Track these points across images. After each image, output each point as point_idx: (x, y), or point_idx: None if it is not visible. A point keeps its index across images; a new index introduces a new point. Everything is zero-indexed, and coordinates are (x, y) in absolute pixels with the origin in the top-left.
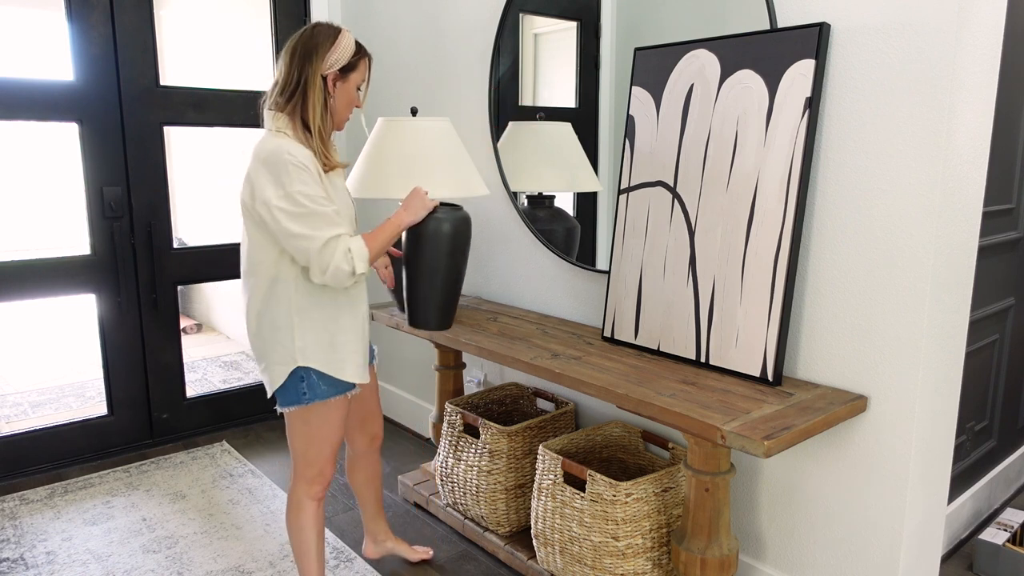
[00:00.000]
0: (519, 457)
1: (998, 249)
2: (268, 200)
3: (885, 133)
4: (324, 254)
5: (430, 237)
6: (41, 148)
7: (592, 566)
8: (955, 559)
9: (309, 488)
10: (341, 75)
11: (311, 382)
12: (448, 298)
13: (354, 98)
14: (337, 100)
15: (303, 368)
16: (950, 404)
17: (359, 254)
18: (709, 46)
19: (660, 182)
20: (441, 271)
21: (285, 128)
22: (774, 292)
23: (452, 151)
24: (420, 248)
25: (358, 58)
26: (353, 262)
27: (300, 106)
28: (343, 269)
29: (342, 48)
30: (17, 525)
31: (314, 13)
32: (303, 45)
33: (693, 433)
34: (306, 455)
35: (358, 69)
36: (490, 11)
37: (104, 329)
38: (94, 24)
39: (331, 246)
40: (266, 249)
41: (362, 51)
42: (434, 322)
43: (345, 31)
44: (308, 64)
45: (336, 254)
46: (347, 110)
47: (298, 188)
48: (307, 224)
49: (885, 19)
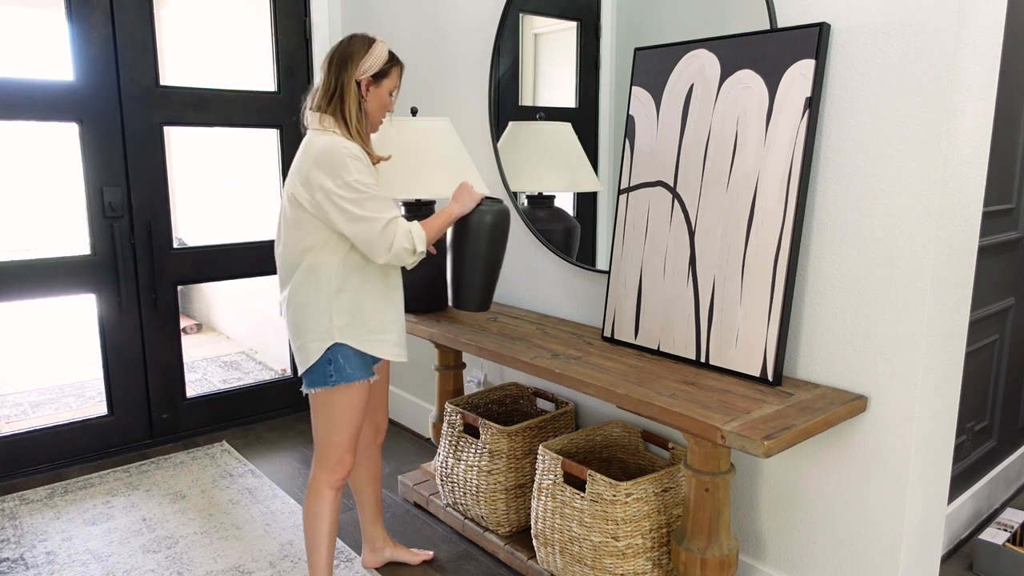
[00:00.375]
0: (519, 457)
1: (998, 249)
2: (329, 189)
3: (885, 133)
4: (387, 233)
5: (473, 227)
6: (41, 148)
7: (592, 566)
8: (955, 559)
9: (329, 476)
10: (374, 81)
11: (338, 365)
12: (488, 282)
13: (387, 103)
14: (370, 103)
15: (338, 346)
16: (950, 404)
17: (419, 235)
18: (709, 46)
19: (660, 182)
20: (482, 258)
21: (333, 127)
22: (774, 292)
23: (452, 151)
24: (464, 237)
25: (390, 66)
26: (414, 241)
27: (340, 108)
28: (405, 247)
29: (375, 56)
30: (17, 525)
31: (314, 13)
32: (340, 53)
33: (693, 433)
34: (328, 440)
35: (390, 76)
36: (490, 11)
37: (104, 329)
38: (94, 24)
39: (392, 226)
40: (314, 235)
41: (394, 59)
42: (475, 303)
43: (379, 41)
44: (344, 71)
45: (399, 233)
46: (380, 113)
47: (355, 177)
48: (369, 208)
49: (885, 19)
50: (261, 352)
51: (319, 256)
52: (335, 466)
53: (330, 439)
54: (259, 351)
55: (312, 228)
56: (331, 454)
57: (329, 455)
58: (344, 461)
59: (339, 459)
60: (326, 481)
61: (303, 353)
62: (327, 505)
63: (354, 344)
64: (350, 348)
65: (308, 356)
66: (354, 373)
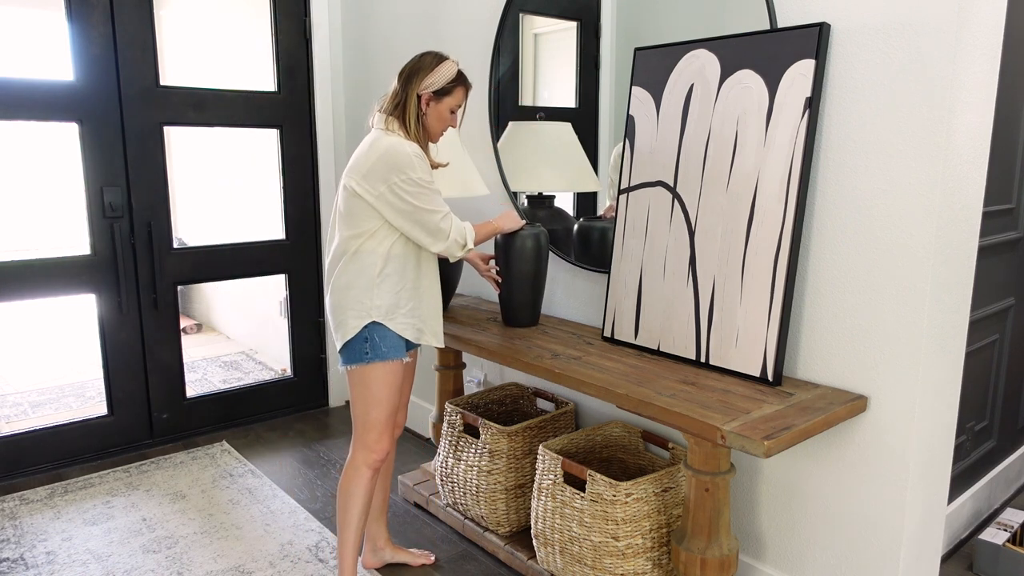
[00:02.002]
0: (519, 457)
1: (998, 249)
2: (394, 183)
3: (885, 133)
4: (444, 224)
5: (518, 250)
6: (41, 148)
7: (592, 566)
8: (955, 559)
9: (367, 455)
10: (435, 97)
11: (374, 343)
12: (535, 299)
13: (447, 119)
14: (429, 117)
15: (374, 325)
16: (950, 404)
17: (470, 232)
18: (709, 46)
19: (660, 182)
20: (529, 277)
21: (398, 130)
22: (774, 292)
23: (453, 151)
24: (510, 260)
25: (454, 85)
26: (465, 236)
27: (402, 116)
28: (457, 240)
29: (439, 74)
30: (17, 525)
31: (314, 13)
32: (410, 67)
33: (693, 433)
34: (366, 419)
35: (452, 95)
36: (490, 11)
37: (104, 329)
38: (94, 24)
39: (449, 219)
40: (366, 224)
41: (461, 80)
42: (527, 320)
43: (450, 61)
44: (410, 84)
45: (455, 226)
46: (439, 126)
47: (419, 174)
48: (431, 201)
49: (885, 19)
50: (261, 352)
51: (368, 244)
52: (373, 445)
53: (367, 417)
54: (259, 351)
55: (365, 217)
56: (369, 432)
57: (367, 433)
58: (382, 440)
59: (377, 437)
60: (364, 460)
61: (342, 330)
62: (363, 485)
63: (390, 325)
64: (386, 328)
65: (346, 332)
66: (389, 351)
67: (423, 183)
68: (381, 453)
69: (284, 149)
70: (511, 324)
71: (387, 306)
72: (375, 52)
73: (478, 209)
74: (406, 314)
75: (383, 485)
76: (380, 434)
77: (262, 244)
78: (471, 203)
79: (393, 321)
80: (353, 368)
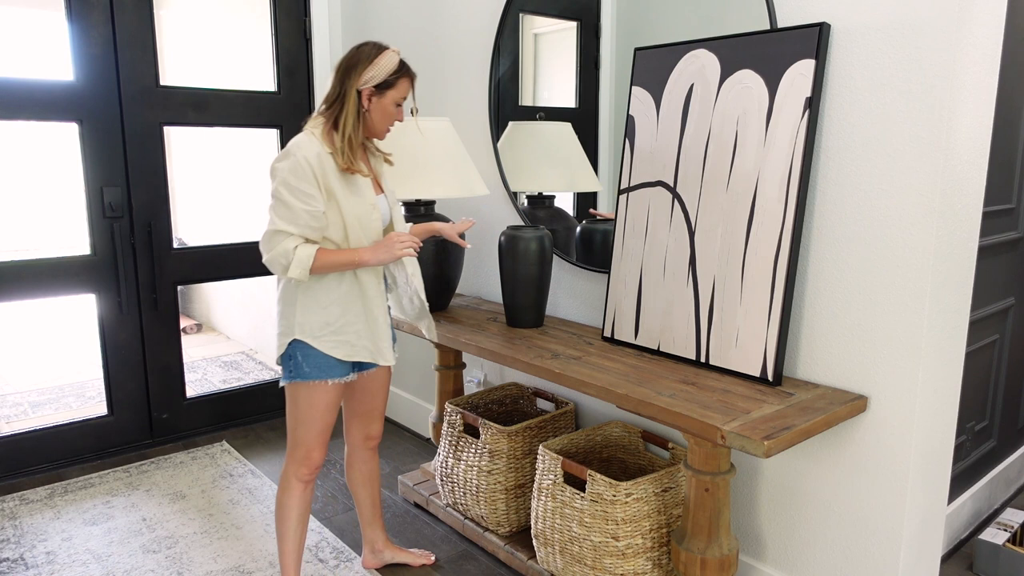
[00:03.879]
0: (519, 457)
1: (998, 249)
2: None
3: (885, 133)
4: (271, 240)
5: (522, 253)
6: (41, 148)
7: (592, 566)
8: (955, 559)
9: (297, 469)
10: (377, 91)
11: (296, 362)
12: (539, 301)
13: (392, 113)
14: (372, 113)
15: (297, 342)
16: (950, 404)
17: (300, 260)
18: (709, 46)
19: (660, 182)
20: (533, 280)
21: (314, 128)
22: (774, 292)
23: (452, 151)
24: (515, 263)
25: (397, 77)
26: (290, 262)
27: (337, 114)
28: (280, 262)
29: (379, 67)
30: (17, 525)
31: (314, 13)
32: (347, 61)
33: (693, 433)
34: (294, 434)
35: (396, 87)
36: (490, 11)
37: (104, 329)
38: (94, 24)
39: (278, 238)
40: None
41: (403, 70)
42: (531, 321)
43: (390, 52)
44: (347, 79)
45: (279, 247)
46: (384, 122)
47: (284, 176)
48: (274, 208)
49: (885, 19)
50: (261, 352)
51: None
52: (302, 460)
53: (295, 433)
54: (259, 351)
55: None
56: (297, 448)
57: (296, 448)
58: (311, 456)
59: (306, 454)
60: (294, 473)
61: (276, 344)
62: (295, 498)
63: (312, 343)
64: (310, 346)
65: (278, 348)
66: (312, 372)
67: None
68: (311, 468)
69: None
70: (515, 325)
71: (314, 324)
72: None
73: (478, 209)
74: (337, 331)
75: (369, 490)
76: (309, 450)
77: None
78: (471, 203)
79: (320, 340)
80: (284, 384)
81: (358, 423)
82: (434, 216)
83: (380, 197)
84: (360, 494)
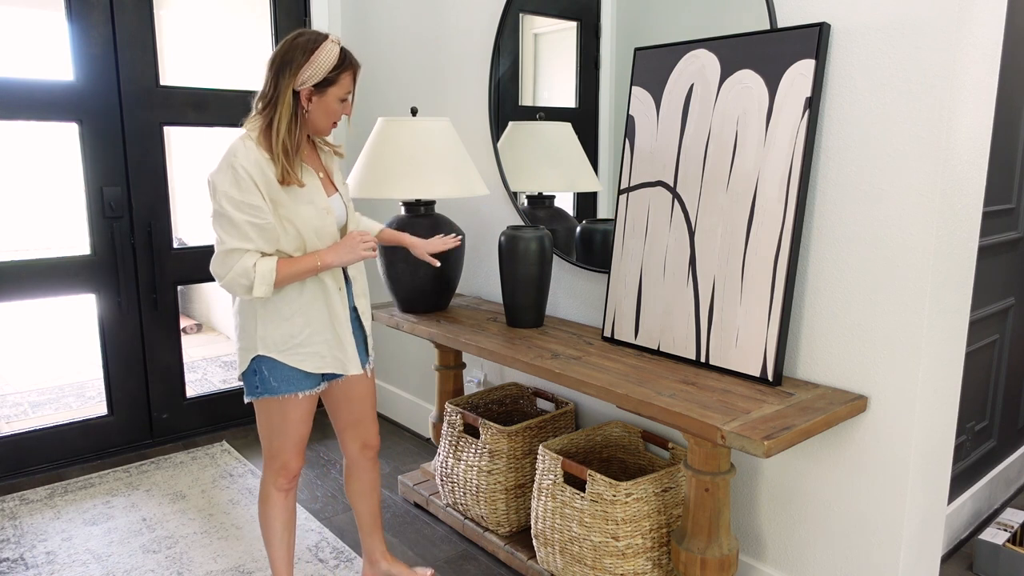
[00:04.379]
0: (519, 457)
1: (998, 249)
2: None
3: (885, 133)
4: (226, 261)
5: (521, 254)
6: (41, 148)
7: (592, 566)
8: (955, 559)
9: (275, 479)
10: (316, 90)
11: (262, 376)
12: (539, 301)
13: (334, 110)
14: (312, 114)
15: (261, 357)
16: (950, 404)
17: (263, 275)
18: (709, 46)
19: (660, 182)
20: (533, 280)
21: (254, 130)
22: (774, 292)
23: (452, 151)
24: (514, 263)
25: (337, 72)
26: (253, 280)
27: (271, 116)
28: (240, 283)
29: (318, 64)
30: (17, 525)
31: (314, 13)
32: (281, 57)
33: (693, 433)
34: (269, 446)
35: (338, 83)
36: (490, 11)
37: (104, 329)
38: (94, 24)
39: (233, 257)
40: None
41: (345, 64)
42: (531, 322)
43: (328, 43)
44: (282, 78)
45: (236, 266)
46: (327, 121)
47: (225, 189)
48: (220, 226)
49: (885, 19)
50: None
51: None
52: (279, 470)
53: (271, 445)
54: None
55: None
56: (274, 459)
57: (272, 460)
58: (288, 466)
59: (282, 464)
60: (272, 483)
61: (238, 360)
62: (276, 507)
63: (277, 356)
64: (275, 360)
65: (240, 364)
66: (280, 387)
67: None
68: (288, 477)
69: None
70: (515, 325)
71: (276, 337)
72: (375, 52)
73: (478, 209)
74: (303, 343)
75: (368, 502)
76: (286, 462)
77: None
78: (471, 203)
79: (286, 354)
80: (250, 400)
81: (351, 434)
82: (434, 216)
83: (333, 197)
84: (358, 506)
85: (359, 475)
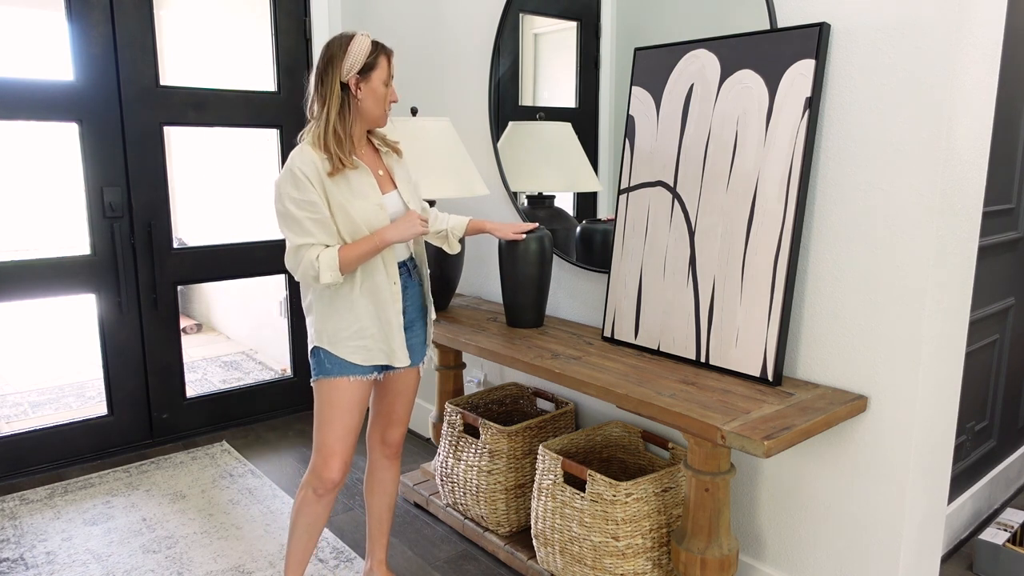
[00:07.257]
0: (519, 457)
1: (998, 249)
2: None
3: (885, 133)
4: (295, 256)
5: (521, 253)
6: (41, 148)
7: (592, 566)
8: (955, 559)
9: (312, 477)
10: (362, 76)
11: (319, 359)
12: (539, 301)
13: (384, 94)
14: (364, 100)
15: (319, 347)
16: (950, 404)
17: (326, 264)
18: (709, 46)
19: (660, 182)
20: (533, 280)
21: (307, 134)
22: (774, 292)
23: (452, 151)
24: (514, 263)
25: (375, 56)
26: (318, 271)
27: (323, 111)
28: (309, 274)
29: (356, 53)
30: (17, 525)
31: (314, 13)
32: (322, 60)
33: (693, 433)
34: (317, 439)
35: (378, 67)
36: (490, 11)
37: (104, 329)
38: (94, 24)
39: (300, 252)
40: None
41: (379, 49)
42: (531, 322)
43: (359, 36)
44: (327, 75)
45: (303, 260)
46: (379, 106)
47: (287, 190)
48: (286, 225)
49: (885, 19)
50: (261, 352)
51: None
52: (319, 468)
53: (317, 435)
54: (259, 351)
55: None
56: (317, 454)
57: (316, 454)
58: (329, 465)
59: (323, 462)
60: (309, 481)
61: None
62: (307, 504)
63: (331, 349)
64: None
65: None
66: (334, 369)
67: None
68: (328, 482)
69: (284, 149)
70: (515, 325)
71: (330, 331)
72: None
73: (478, 209)
74: (351, 337)
75: (378, 500)
76: (327, 459)
77: (262, 244)
78: (471, 203)
79: (337, 347)
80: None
81: (378, 426)
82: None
83: (390, 195)
84: (369, 501)
85: (373, 471)
